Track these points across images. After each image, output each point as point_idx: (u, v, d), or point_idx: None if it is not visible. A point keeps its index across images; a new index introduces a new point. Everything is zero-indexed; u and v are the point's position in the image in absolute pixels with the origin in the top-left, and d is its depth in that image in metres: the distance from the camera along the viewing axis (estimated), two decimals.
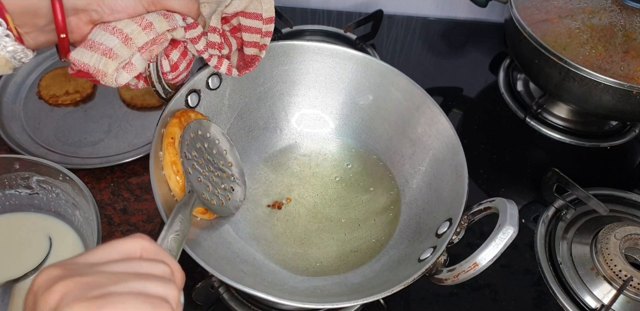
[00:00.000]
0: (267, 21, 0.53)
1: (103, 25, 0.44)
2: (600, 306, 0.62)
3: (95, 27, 0.44)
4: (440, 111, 0.60)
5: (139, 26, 0.44)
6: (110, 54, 0.43)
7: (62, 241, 0.64)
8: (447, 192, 0.57)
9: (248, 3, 0.52)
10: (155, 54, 0.48)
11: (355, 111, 0.68)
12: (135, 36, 0.44)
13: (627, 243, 0.65)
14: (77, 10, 0.42)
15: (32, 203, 0.65)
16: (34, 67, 0.86)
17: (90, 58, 0.43)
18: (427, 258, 0.51)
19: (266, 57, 0.57)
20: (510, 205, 0.48)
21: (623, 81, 0.65)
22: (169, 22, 0.46)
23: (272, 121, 0.68)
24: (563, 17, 0.71)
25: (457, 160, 0.56)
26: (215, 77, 0.59)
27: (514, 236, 0.46)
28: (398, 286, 0.47)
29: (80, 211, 0.62)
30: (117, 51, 0.44)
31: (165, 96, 0.54)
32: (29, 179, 0.63)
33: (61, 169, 0.60)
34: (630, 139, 0.82)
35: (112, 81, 0.45)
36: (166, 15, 0.46)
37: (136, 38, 0.44)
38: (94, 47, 0.43)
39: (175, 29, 0.47)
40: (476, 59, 0.93)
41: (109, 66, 0.44)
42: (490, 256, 0.46)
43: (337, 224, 0.63)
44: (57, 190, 0.63)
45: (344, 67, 0.65)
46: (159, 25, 0.45)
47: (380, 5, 0.90)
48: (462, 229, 0.51)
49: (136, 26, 0.44)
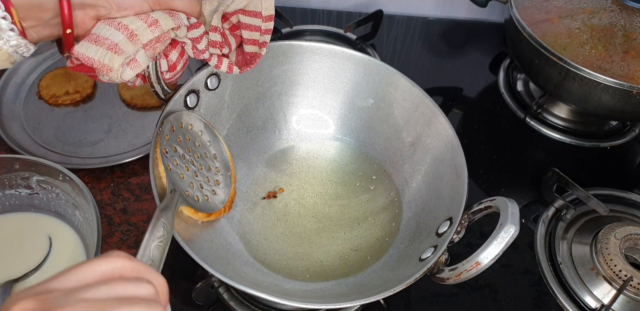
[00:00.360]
0: (267, 19, 0.53)
1: (108, 21, 0.44)
2: (600, 306, 0.62)
3: (99, 22, 0.44)
4: (440, 111, 0.60)
5: (144, 23, 0.44)
6: (116, 49, 0.43)
7: (62, 241, 0.64)
8: (447, 192, 0.57)
9: (248, 1, 0.52)
10: (157, 51, 0.47)
11: (354, 111, 0.68)
12: (140, 33, 0.44)
13: (627, 243, 0.65)
14: (84, 4, 0.42)
15: (32, 203, 0.65)
16: (34, 67, 0.86)
17: (95, 52, 0.43)
18: (428, 257, 0.51)
19: (265, 57, 0.57)
20: (511, 204, 0.48)
21: (623, 81, 0.65)
22: (174, 20, 0.46)
23: (270, 122, 0.68)
24: (563, 17, 0.71)
25: (456, 160, 0.56)
26: (214, 77, 0.59)
27: (516, 234, 0.46)
28: (400, 286, 0.47)
29: (80, 211, 0.62)
30: (123, 47, 0.43)
31: (164, 97, 0.54)
32: (29, 179, 0.63)
33: (61, 169, 0.60)
34: (630, 139, 0.82)
35: (117, 76, 0.44)
36: (171, 14, 0.46)
37: (141, 35, 0.44)
38: (99, 41, 0.43)
39: (179, 27, 0.47)
40: (476, 59, 0.93)
41: (114, 61, 0.43)
42: (492, 255, 0.46)
43: (337, 224, 0.63)
44: (57, 190, 0.63)
45: (342, 67, 0.65)
46: (164, 23, 0.45)
47: (380, 5, 0.90)
48: (463, 228, 0.51)
49: (142, 23, 0.44)
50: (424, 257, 0.52)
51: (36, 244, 0.63)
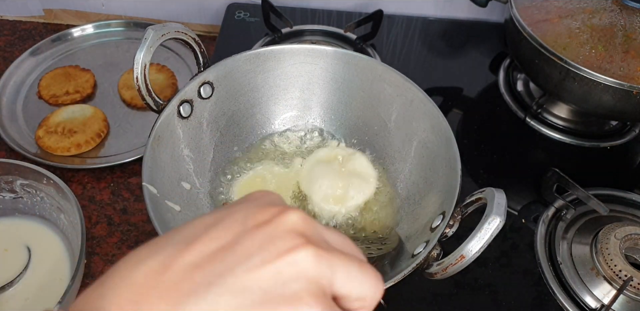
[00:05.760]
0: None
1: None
2: (600, 306, 0.62)
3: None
4: (433, 105, 0.60)
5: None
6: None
7: (45, 246, 0.64)
8: (442, 186, 0.56)
9: None
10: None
11: (349, 109, 0.68)
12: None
13: (627, 243, 0.65)
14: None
15: (16, 207, 0.65)
16: (34, 67, 0.86)
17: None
18: (420, 252, 0.51)
19: (257, 63, 0.59)
20: (498, 194, 0.46)
21: (623, 81, 0.65)
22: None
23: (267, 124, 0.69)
24: (563, 17, 0.71)
25: (450, 153, 0.56)
26: (207, 86, 0.59)
27: (501, 226, 0.44)
28: (388, 282, 0.47)
29: (65, 215, 0.62)
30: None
31: (157, 108, 0.54)
32: (13, 183, 0.63)
33: (45, 172, 0.60)
34: (630, 139, 0.82)
35: None
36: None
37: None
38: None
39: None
40: (476, 59, 0.93)
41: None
42: (476, 248, 0.45)
43: (334, 220, 0.63)
44: (41, 194, 0.62)
45: (335, 67, 0.66)
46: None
47: (380, 5, 0.90)
48: (456, 222, 0.51)
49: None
50: (416, 252, 0.52)
51: (19, 252, 0.63)
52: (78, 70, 0.85)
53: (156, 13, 0.96)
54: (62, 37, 0.91)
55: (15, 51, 0.90)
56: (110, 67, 0.87)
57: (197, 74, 0.58)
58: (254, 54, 0.63)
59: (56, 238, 0.64)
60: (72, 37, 0.91)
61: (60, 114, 0.77)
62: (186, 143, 0.61)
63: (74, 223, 0.60)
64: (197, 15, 0.97)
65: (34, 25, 0.96)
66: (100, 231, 0.68)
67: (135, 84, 0.50)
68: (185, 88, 0.57)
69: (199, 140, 0.63)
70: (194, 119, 0.60)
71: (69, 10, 0.95)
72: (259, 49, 0.63)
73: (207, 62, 0.61)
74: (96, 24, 0.93)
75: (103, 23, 0.93)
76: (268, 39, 0.89)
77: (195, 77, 0.58)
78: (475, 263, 0.46)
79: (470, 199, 0.51)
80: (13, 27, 0.95)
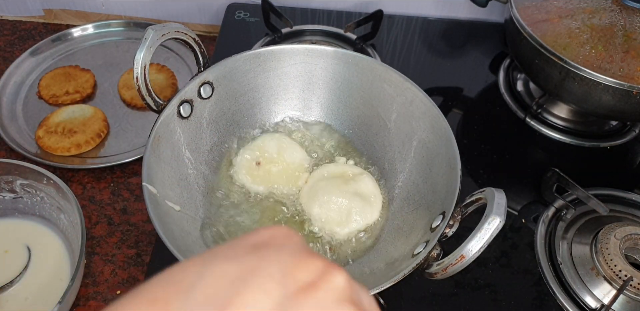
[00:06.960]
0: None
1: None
2: (600, 306, 0.62)
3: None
4: (433, 105, 0.60)
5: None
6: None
7: (45, 246, 0.64)
8: (442, 186, 0.57)
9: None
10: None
11: (349, 109, 0.68)
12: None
13: (627, 243, 0.65)
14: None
15: (16, 207, 0.65)
16: (34, 67, 0.86)
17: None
18: (420, 252, 0.51)
19: (257, 63, 0.58)
20: (498, 194, 0.46)
21: (623, 81, 0.65)
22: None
23: (268, 124, 0.69)
24: (563, 17, 0.71)
25: (450, 153, 0.56)
26: (207, 86, 0.59)
27: (501, 226, 0.45)
28: (388, 282, 0.47)
29: (65, 215, 0.62)
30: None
31: (157, 108, 0.55)
32: (13, 183, 0.63)
33: (45, 172, 0.60)
34: (630, 139, 0.82)
35: None
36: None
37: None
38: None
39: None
40: (476, 59, 0.93)
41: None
42: (476, 248, 0.45)
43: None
44: (41, 194, 0.63)
45: (335, 67, 0.66)
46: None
47: (380, 5, 0.90)
48: (456, 222, 0.51)
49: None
50: (416, 252, 0.52)
51: (19, 252, 0.63)
52: (78, 70, 0.85)
53: (156, 13, 0.96)
54: (62, 37, 0.91)
55: (15, 51, 0.90)
56: (110, 67, 0.87)
57: (197, 74, 0.58)
58: (254, 54, 0.63)
59: (56, 238, 0.64)
60: (72, 37, 0.91)
61: (60, 114, 0.77)
62: (186, 143, 0.61)
63: (74, 223, 0.60)
64: (197, 15, 0.97)
65: (34, 25, 0.96)
66: (100, 231, 0.68)
67: (135, 84, 0.50)
68: (185, 88, 0.57)
69: (199, 140, 0.63)
70: (194, 119, 0.60)
71: (69, 10, 0.95)
72: (259, 49, 0.63)
73: (207, 62, 0.61)
74: (96, 24, 0.93)
75: (103, 23, 0.93)
76: (268, 39, 0.89)
77: (195, 77, 0.58)
78: (475, 263, 0.46)
79: (470, 199, 0.51)
80: (13, 27, 0.95)
